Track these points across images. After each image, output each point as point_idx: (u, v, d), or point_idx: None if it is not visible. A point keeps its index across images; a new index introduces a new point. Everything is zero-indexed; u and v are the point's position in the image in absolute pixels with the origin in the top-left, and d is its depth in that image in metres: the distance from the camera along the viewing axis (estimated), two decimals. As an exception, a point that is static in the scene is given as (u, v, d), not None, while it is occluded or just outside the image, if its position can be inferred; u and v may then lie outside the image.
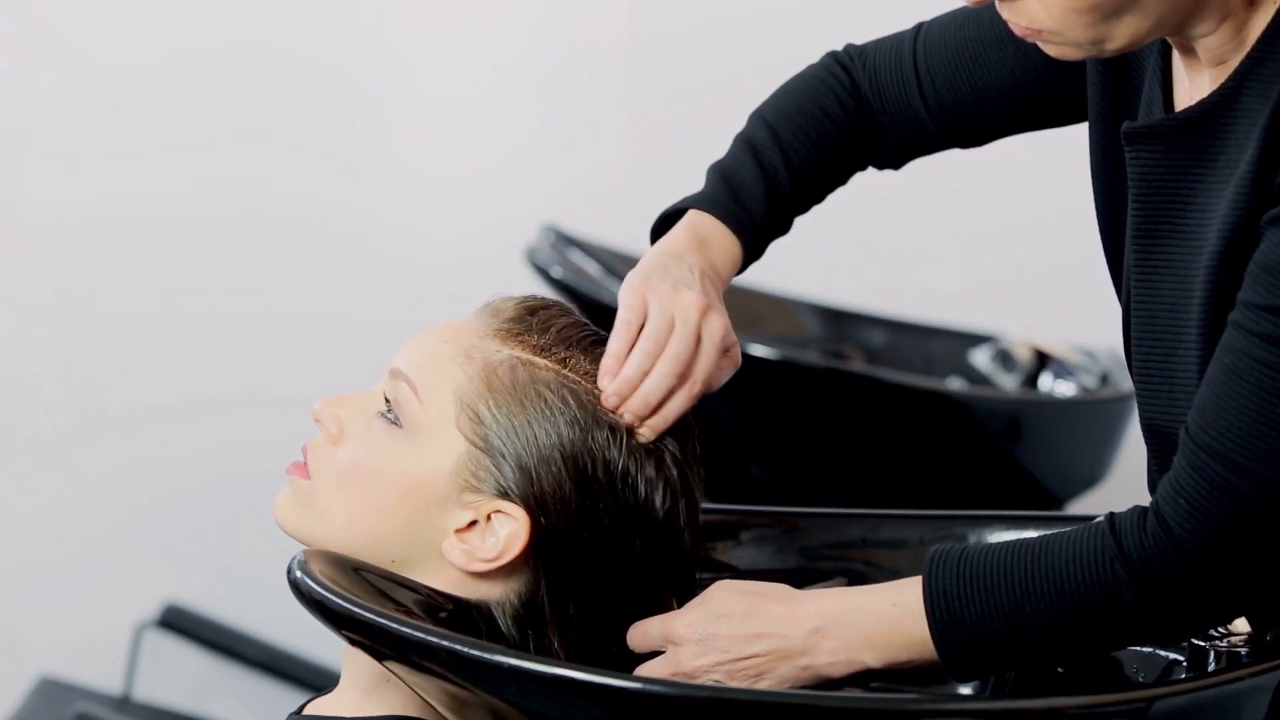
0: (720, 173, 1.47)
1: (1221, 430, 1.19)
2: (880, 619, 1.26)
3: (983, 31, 1.45)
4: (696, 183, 1.49)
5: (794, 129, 1.48)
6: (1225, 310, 1.22)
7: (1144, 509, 1.23)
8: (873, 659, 1.26)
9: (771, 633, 1.27)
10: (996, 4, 1.24)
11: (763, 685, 1.27)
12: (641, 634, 1.31)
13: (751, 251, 1.45)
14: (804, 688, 1.27)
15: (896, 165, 1.53)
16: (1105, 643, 1.29)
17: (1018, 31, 1.25)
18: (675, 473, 1.31)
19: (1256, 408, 1.18)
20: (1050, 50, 1.25)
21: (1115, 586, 1.21)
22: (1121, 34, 1.22)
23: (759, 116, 1.51)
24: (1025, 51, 1.42)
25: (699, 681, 1.27)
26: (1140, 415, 1.34)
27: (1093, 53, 1.24)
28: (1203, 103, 1.26)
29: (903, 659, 1.26)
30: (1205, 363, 1.23)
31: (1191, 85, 1.29)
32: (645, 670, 1.30)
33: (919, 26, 1.51)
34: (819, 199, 1.51)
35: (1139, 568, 1.21)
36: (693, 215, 1.44)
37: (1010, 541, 1.26)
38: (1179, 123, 1.27)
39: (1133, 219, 1.31)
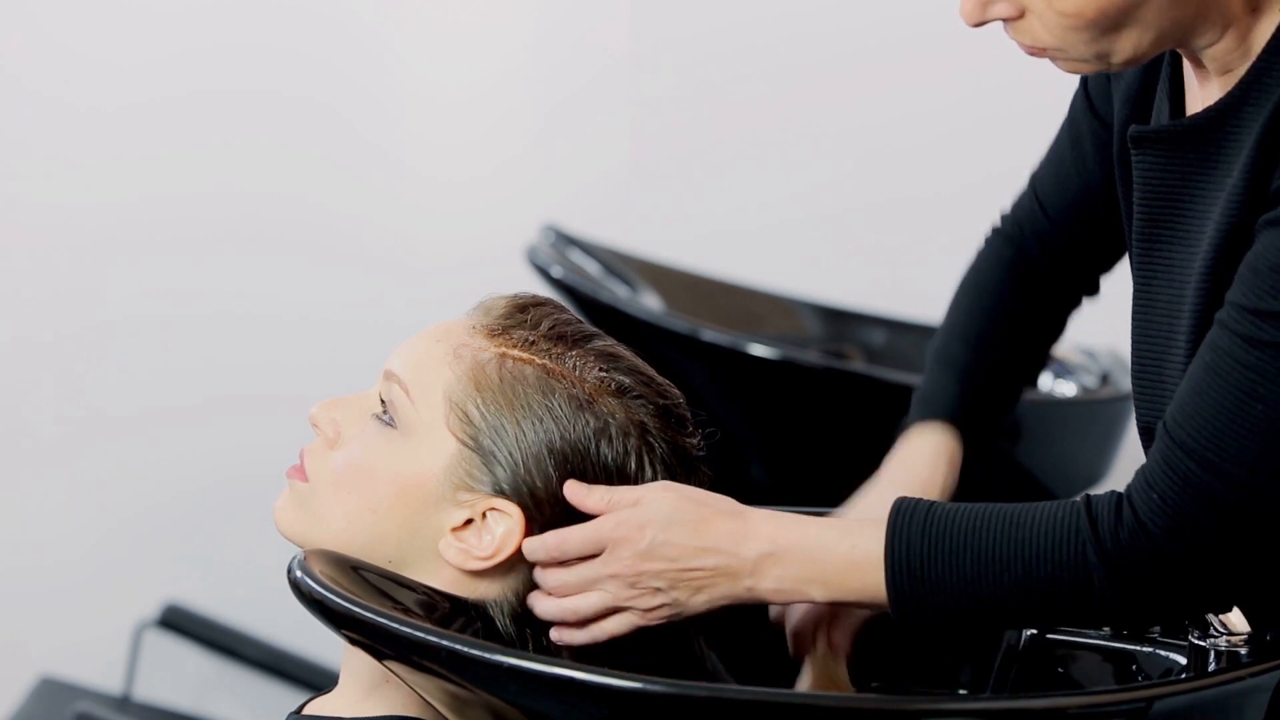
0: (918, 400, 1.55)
1: (1198, 428, 1.19)
2: (835, 558, 1.25)
3: (1061, 145, 1.52)
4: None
5: (979, 335, 1.56)
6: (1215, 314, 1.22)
7: (1119, 495, 1.22)
8: (820, 594, 1.26)
9: (721, 548, 1.26)
10: (1003, 27, 1.25)
11: (701, 598, 1.26)
12: (558, 541, 1.27)
13: (971, 433, 1.52)
14: (740, 604, 1.27)
15: (1090, 292, 1.60)
16: (1063, 621, 1.30)
17: (1025, 50, 1.25)
18: (667, 468, 1.30)
19: (1234, 408, 1.18)
20: (1060, 66, 1.26)
21: (1085, 571, 1.21)
22: (1124, 48, 1.23)
23: (952, 333, 1.59)
24: (1080, 150, 1.48)
25: (640, 586, 1.26)
26: (1136, 417, 1.34)
27: (1100, 67, 1.25)
28: (1208, 110, 1.27)
29: (851, 600, 1.26)
30: None
31: (1202, 93, 1.29)
32: (564, 578, 1.27)
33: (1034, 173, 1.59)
34: (1036, 366, 1.60)
35: (1112, 555, 1.20)
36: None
37: (980, 506, 1.25)
38: (1183, 129, 1.28)
39: (1136, 222, 1.32)
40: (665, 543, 1.26)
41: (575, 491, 1.27)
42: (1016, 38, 1.25)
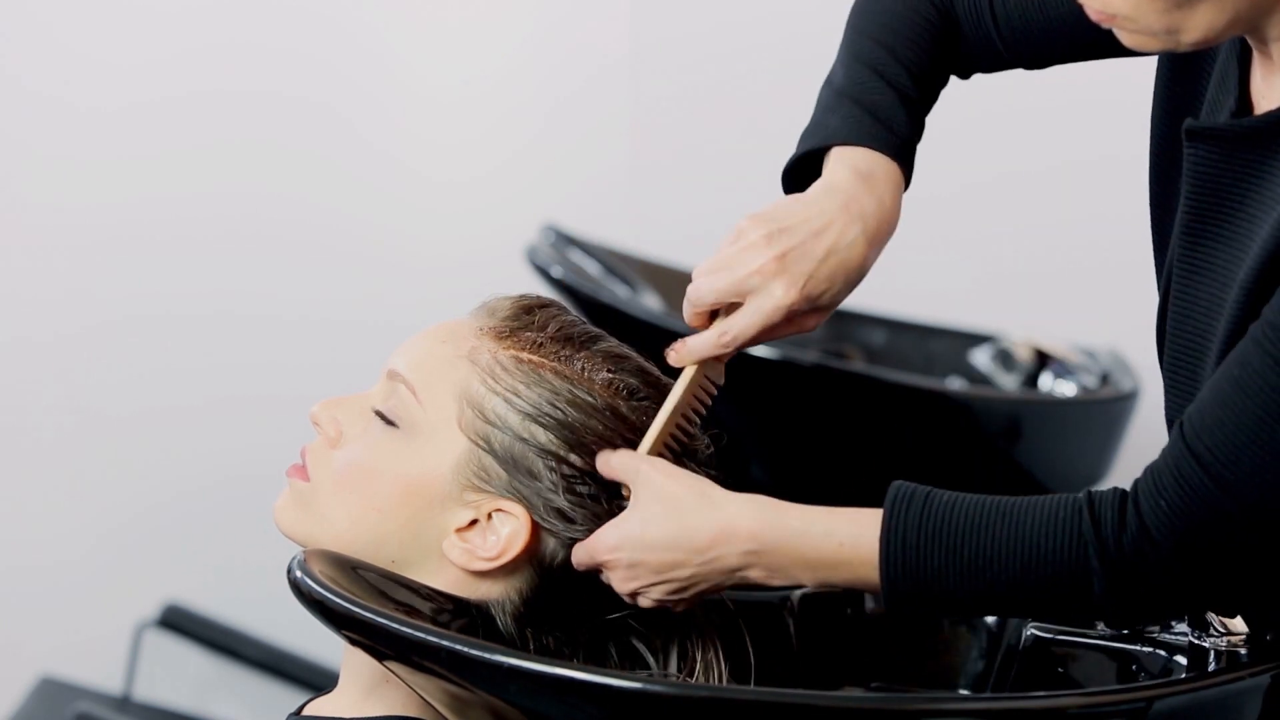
0: (849, 99, 1.41)
1: (1217, 442, 1.16)
2: (823, 553, 1.25)
3: None
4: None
5: (902, 39, 1.44)
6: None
7: (1123, 496, 1.20)
8: (809, 581, 1.26)
9: (704, 557, 1.25)
10: None
11: (706, 588, 1.27)
12: (575, 565, 1.30)
13: (909, 173, 1.42)
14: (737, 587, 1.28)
15: (964, 75, 1.50)
16: (1057, 618, 1.30)
17: (1093, 16, 1.22)
18: None
19: (1256, 428, 1.15)
20: (1125, 39, 1.22)
21: (1085, 574, 1.19)
22: (1196, 25, 1.19)
23: (862, 32, 1.46)
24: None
25: (645, 593, 1.27)
26: (1165, 411, 1.32)
27: (1169, 44, 1.21)
28: (1269, 114, 1.23)
29: (841, 584, 1.26)
30: None
31: (1266, 87, 1.26)
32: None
33: None
34: (934, 102, 1.48)
35: (1114, 560, 1.19)
36: (845, 152, 1.39)
37: (977, 498, 1.24)
38: (1244, 130, 1.25)
39: (1182, 215, 1.29)
40: (642, 561, 1.26)
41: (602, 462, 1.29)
42: (1087, 1, 1.22)
